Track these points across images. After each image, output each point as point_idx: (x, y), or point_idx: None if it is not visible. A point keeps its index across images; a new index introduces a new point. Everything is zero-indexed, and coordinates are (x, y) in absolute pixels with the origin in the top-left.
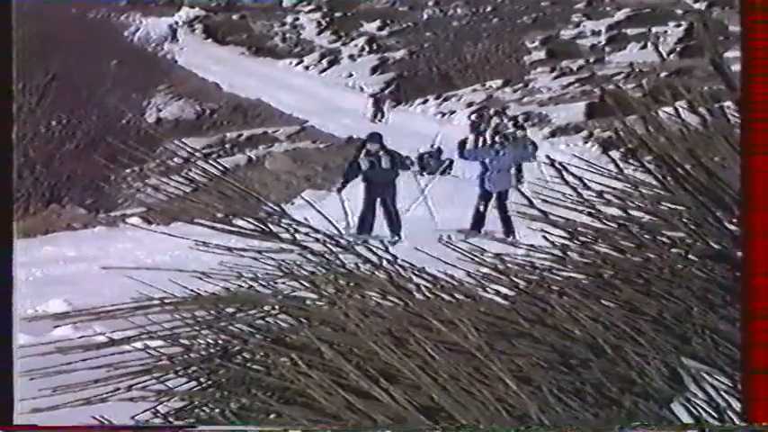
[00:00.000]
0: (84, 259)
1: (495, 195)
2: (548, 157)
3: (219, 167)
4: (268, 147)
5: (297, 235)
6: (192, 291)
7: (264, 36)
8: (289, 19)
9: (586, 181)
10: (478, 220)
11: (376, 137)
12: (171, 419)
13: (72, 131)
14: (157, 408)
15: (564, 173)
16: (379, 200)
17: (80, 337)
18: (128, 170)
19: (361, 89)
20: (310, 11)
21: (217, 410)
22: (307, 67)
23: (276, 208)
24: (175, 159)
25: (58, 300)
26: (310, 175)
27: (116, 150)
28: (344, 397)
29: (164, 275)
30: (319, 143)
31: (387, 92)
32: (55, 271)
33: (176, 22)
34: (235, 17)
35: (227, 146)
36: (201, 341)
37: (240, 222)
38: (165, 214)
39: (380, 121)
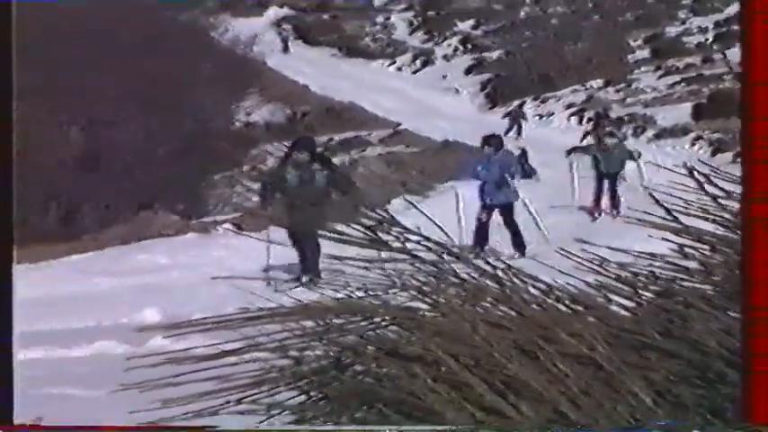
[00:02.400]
0: (178, 267)
1: (497, 209)
2: (647, 162)
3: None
4: (361, 151)
5: (407, 244)
6: (298, 300)
7: (356, 36)
8: (380, 19)
9: (708, 186)
10: (481, 233)
11: (307, 143)
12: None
13: (163, 137)
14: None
15: (696, 179)
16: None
17: (186, 349)
18: (218, 175)
19: (456, 91)
20: (402, 10)
21: (329, 424)
22: (399, 68)
23: (386, 215)
24: (267, 163)
25: (152, 309)
26: (405, 180)
27: (207, 155)
28: (470, 410)
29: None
30: (414, 147)
31: (520, 108)
32: (149, 279)
33: (265, 23)
34: (326, 17)
35: (318, 150)
36: (312, 353)
37: (346, 230)
38: (257, 220)
39: (518, 136)
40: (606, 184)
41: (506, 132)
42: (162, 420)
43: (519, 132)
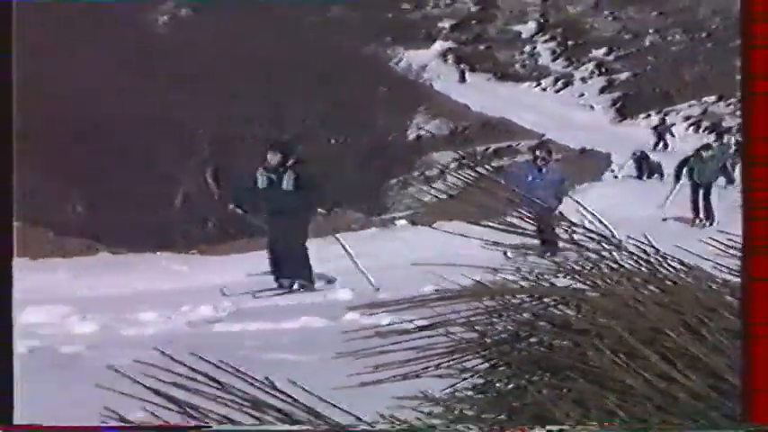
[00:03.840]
0: (363, 255)
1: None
2: None
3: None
4: (512, 157)
5: (574, 235)
6: (479, 282)
7: (507, 63)
8: (527, 48)
9: None
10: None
11: (281, 147)
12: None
13: (349, 149)
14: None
15: None
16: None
17: (388, 324)
18: (394, 179)
19: (591, 107)
20: (546, 40)
21: (511, 386)
22: (544, 89)
23: (556, 211)
24: (434, 169)
25: (345, 289)
26: None
27: (385, 163)
28: (643, 375)
29: (451, 269)
30: (556, 153)
31: (667, 123)
32: (341, 265)
33: (432, 54)
34: (482, 48)
35: (477, 157)
36: (494, 327)
37: (520, 223)
38: (428, 216)
39: (664, 149)
40: (701, 193)
41: (654, 146)
42: (375, 382)
43: (665, 146)
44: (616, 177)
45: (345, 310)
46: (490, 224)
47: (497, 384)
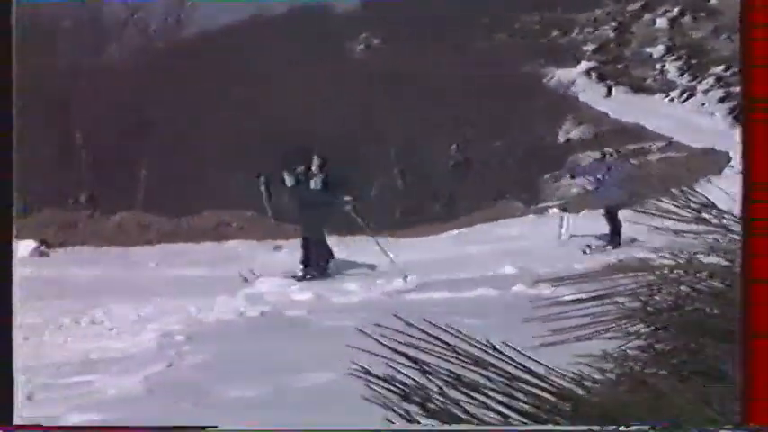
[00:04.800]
0: (523, 238)
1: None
2: None
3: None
4: (645, 156)
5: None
6: (641, 259)
7: (641, 79)
8: (658, 66)
9: None
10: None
11: (297, 160)
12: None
13: (510, 150)
14: (627, 346)
15: None
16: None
17: (567, 295)
18: (547, 175)
19: (712, 114)
20: (673, 60)
21: (670, 347)
22: (671, 100)
23: (707, 200)
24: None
25: (510, 266)
26: (681, 176)
27: (541, 161)
28: None
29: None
30: (683, 152)
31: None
32: (505, 246)
33: (578, 72)
34: (619, 66)
35: (613, 157)
36: (655, 298)
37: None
38: (576, 204)
39: None
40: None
41: None
42: (554, 342)
43: None
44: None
45: (512, 282)
46: (646, 211)
47: (657, 346)
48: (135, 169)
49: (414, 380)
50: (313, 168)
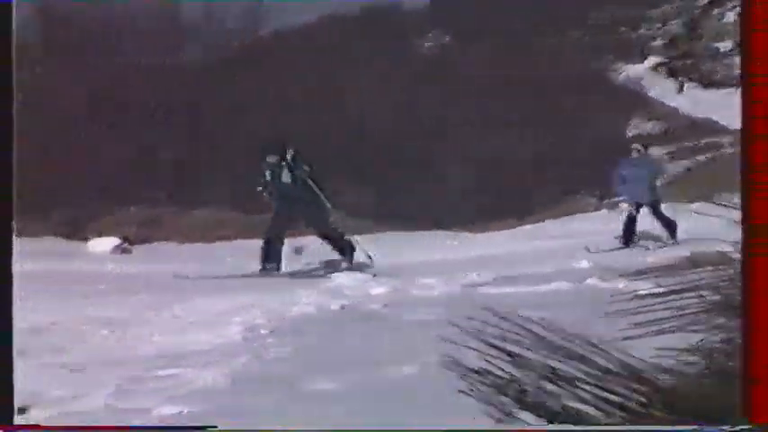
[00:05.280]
0: (595, 233)
1: (646, 206)
2: None
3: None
4: (715, 152)
5: None
6: (720, 252)
7: (711, 73)
8: (726, 61)
9: None
10: (630, 226)
11: (273, 148)
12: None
13: (576, 144)
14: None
15: None
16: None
17: (645, 289)
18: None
19: None
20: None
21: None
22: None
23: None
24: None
25: (584, 260)
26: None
27: (612, 156)
28: None
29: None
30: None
31: None
32: (578, 240)
33: (647, 67)
34: (688, 62)
35: (685, 152)
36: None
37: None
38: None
39: None
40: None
41: None
42: (637, 335)
43: None
44: None
45: (585, 276)
46: (725, 204)
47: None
48: (212, 167)
49: (508, 372)
50: (287, 161)
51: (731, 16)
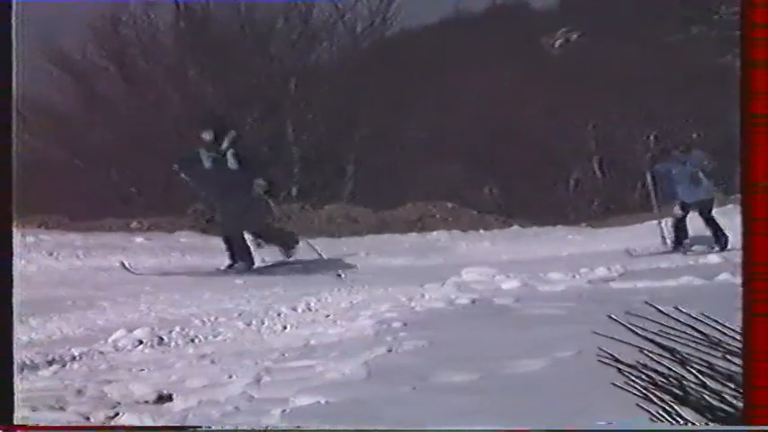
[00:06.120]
0: (725, 226)
1: (696, 209)
2: None
3: None
4: None
5: None
6: None
7: None
8: None
9: None
10: (680, 230)
11: (211, 121)
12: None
13: (705, 140)
14: None
15: None
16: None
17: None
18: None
19: None
20: None
21: None
22: None
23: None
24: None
25: (714, 254)
26: None
27: (736, 150)
28: None
29: None
30: None
31: None
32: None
33: None
34: None
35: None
36: None
37: None
38: None
39: None
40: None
41: None
42: None
43: None
44: None
45: (717, 271)
46: None
47: None
48: (342, 164)
49: (668, 369)
50: (225, 144)
51: None
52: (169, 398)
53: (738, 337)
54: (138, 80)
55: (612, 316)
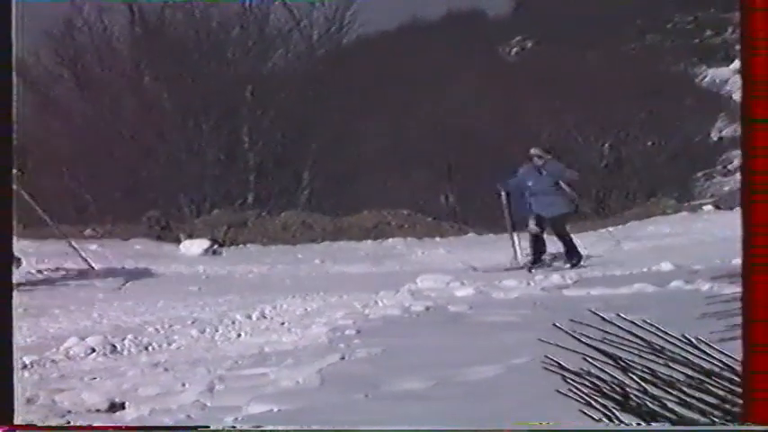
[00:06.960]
0: (675, 234)
1: (548, 220)
2: None
3: None
4: None
5: None
6: None
7: None
8: None
9: None
10: (537, 246)
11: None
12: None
13: (663, 148)
14: None
15: None
16: None
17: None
18: (700, 173)
19: None
20: None
21: None
22: None
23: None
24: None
25: (666, 262)
26: None
27: (692, 160)
28: None
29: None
30: None
31: None
32: (658, 242)
33: (731, 70)
34: None
35: None
36: None
37: None
38: (730, 201)
39: None
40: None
41: None
42: (733, 337)
43: None
44: None
45: (667, 278)
46: None
47: None
48: (298, 171)
49: (612, 375)
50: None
51: None
52: (122, 406)
53: (680, 344)
54: (93, 86)
55: (557, 324)
